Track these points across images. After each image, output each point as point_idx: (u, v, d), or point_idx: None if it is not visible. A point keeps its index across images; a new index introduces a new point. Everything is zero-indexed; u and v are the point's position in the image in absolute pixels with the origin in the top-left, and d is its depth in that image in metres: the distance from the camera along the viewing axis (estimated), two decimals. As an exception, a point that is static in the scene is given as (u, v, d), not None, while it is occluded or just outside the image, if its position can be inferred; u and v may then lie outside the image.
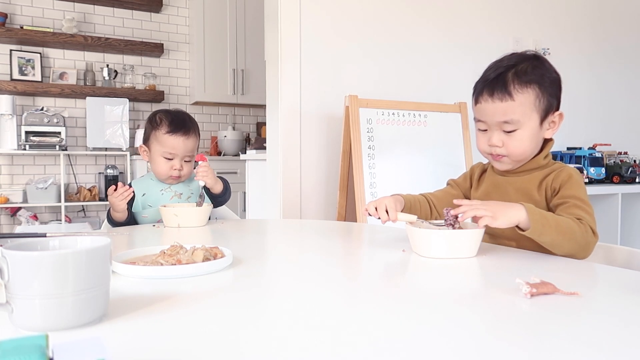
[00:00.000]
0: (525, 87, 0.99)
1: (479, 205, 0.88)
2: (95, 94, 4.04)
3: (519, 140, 1.01)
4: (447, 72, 2.64)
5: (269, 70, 2.43)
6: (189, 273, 0.73)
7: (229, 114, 4.74)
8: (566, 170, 1.03)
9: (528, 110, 1.00)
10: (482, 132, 1.06)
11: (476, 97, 1.05)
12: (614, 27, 3.32)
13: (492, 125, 1.03)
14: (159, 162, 1.49)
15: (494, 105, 1.00)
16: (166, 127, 1.48)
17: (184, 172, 1.50)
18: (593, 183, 2.83)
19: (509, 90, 0.99)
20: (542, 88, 1.01)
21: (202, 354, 0.45)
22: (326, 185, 2.39)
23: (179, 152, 1.48)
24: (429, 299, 0.64)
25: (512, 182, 1.09)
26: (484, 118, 1.04)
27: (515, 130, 1.01)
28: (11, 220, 3.93)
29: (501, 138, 1.02)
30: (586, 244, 0.92)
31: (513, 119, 1.00)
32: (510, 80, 0.99)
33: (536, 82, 1.00)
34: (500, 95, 0.99)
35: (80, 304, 0.50)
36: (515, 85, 0.99)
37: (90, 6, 4.19)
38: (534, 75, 1.00)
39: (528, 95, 0.99)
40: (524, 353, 0.45)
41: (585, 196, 0.99)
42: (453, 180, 1.24)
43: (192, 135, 1.51)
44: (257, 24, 4.24)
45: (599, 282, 0.78)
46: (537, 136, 1.03)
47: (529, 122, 1.01)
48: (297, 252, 1.05)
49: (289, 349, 0.46)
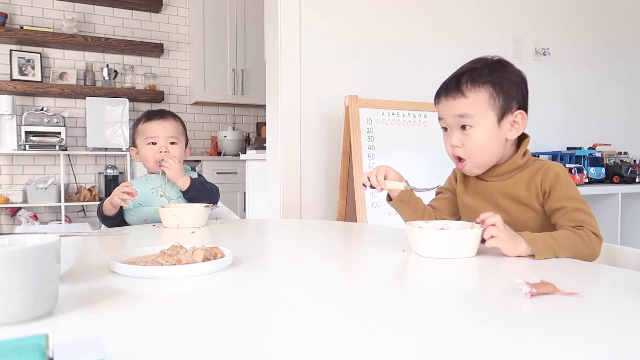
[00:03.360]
0: (478, 87, 1.03)
1: (499, 223, 0.87)
2: (95, 94, 4.05)
3: (476, 139, 1.04)
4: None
5: (269, 70, 2.43)
6: (189, 273, 0.73)
7: (229, 114, 4.75)
8: (552, 169, 1.03)
9: (482, 108, 1.03)
10: (445, 134, 1.11)
11: (435, 100, 1.11)
12: (613, 27, 3.32)
13: (451, 124, 1.07)
14: (145, 152, 1.53)
15: (448, 103, 1.06)
16: (144, 118, 1.56)
17: (171, 154, 1.51)
18: (593, 183, 2.83)
19: (461, 90, 1.04)
20: (497, 88, 1.03)
21: (202, 353, 0.45)
22: (326, 185, 2.39)
23: (160, 134, 1.52)
24: (428, 299, 0.64)
25: (496, 187, 1.08)
26: (442, 116, 1.09)
27: (471, 128, 1.04)
28: (11, 220, 3.93)
29: (460, 138, 1.06)
30: (591, 252, 0.92)
31: (467, 113, 1.03)
32: (463, 81, 1.04)
33: (490, 83, 1.03)
34: (453, 94, 1.05)
35: (28, 300, 0.51)
36: (468, 85, 1.04)
37: (90, 6, 4.19)
38: (489, 77, 1.04)
39: (481, 94, 1.03)
40: (524, 353, 0.45)
41: (577, 192, 1.00)
42: (441, 187, 1.25)
43: (170, 119, 1.55)
44: (257, 24, 4.24)
45: (599, 282, 0.78)
46: (495, 136, 1.04)
47: (483, 120, 1.03)
48: (297, 252, 1.05)
49: (289, 349, 0.46)
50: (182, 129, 1.59)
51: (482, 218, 0.88)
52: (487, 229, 0.86)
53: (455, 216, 1.20)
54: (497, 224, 0.86)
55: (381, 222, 2.11)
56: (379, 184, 1.07)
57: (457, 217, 1.20)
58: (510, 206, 1.06)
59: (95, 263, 0.82)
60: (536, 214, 1.04)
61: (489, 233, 0.86)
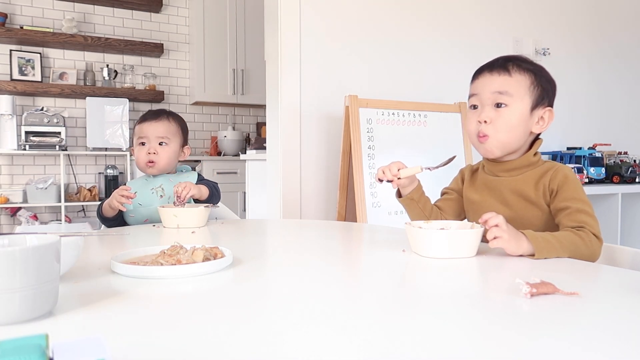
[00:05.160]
0: (523, 71, 1.07)
1: (502, 223, 0.87)
2: (95, 94, 4.05)
3: (507, 117, 1.05)
4: (447, 72, 2.64)
5: (269, 70, 2.43)
6: (189, 273, 0.73)
7: (229, 114, 4.75)
8: (561, 170, 1.04)
9: (522, 91, 1.06)
10: (473, 111, 1.10)
11: (475, 75, 1.12)
12: (613, 27, 3.32)
13: (485, 100, 1.07)
14: (136, 153, 1.56)
15: (491, 78, 1.07)
16: (140, 118, 1.58)
17: (159, 156, 1.52)
18: (593, 183, 2.83)
19: (507, 68, 1.07)
20: (538, 78, 1.07)
21: (201, 353, 0.45)
22: (326, 185, 2.39)
23: (149, 135, 1.53)
24: (428, 299, 0.64)
25: (506, 183, 1.09)
26: (479, 91, 1.09)
27: (506, 107, 1.05)
28: (11, 220, 3.93)
29: (490, 115, 1.06)
30: (591, 253, 0.93)
31: (508, 91, 1.05)
32: (510, 63, 1.08)
33: (532, 72, 1.07)
34: (498, 70, 1.07)
35: (28, 300, 0.51)
36: (514, 67, 1.07)
37: (90, 6, 4.19)
38: (532, 66, 1.09)
39: (524, 78, 1.06)
40: (524, 353, 0.45)
41: (584, 194, 1.01)
42: (446, 188, 1.25)
43: (162, 119, 1.56)
44: (257, 24, 4.24)
45: (599, 282, 0.78)
46: (525, 122, 1.06)
47: (520, 102, 1.05)
48: (297, 252, 1.05)
49: (289, 349, 0.46)
50: (176, 128, 1.57)
51: (485, 219, 0.88)
52: (491, 230, 0.86)
53: (460, 217, 1.21)
54: (500, 225, 0.86)
55: (381, 222, 2.11)
56: (395, 176, 1.08)
57: (461, 218, 1.20)
58: (517, 203, 1.07)
59: (95, 263, 0.82)
60: (542, 213, 1.05)
61: (492, 234, 0.86)
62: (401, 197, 1.16)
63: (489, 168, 1.14)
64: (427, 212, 1.15)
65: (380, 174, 1.10)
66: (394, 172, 1.08)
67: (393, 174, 1.08)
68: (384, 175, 1.09)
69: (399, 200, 1.17)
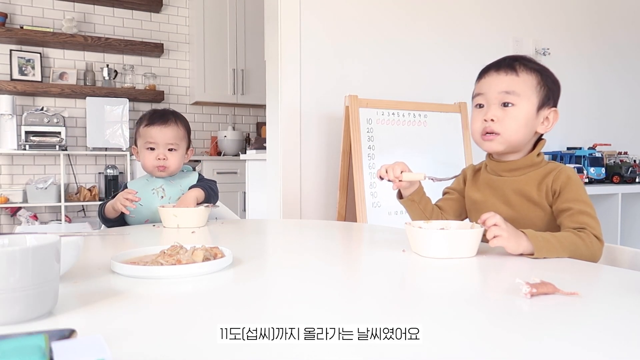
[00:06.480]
0: (529, 71, 1.07)
1: (501, 222, 0.87)
2: (95, 94, 4.05)
3: (514, 117, 1.05)
4: (447, 72, 2.64)
5: (269, 70, 2.43)
6: (189, 273, 0.73)
7: (229, 114, 4.74)
8: (564, 171, 1.04)
9: (529, 90, 1.06)
10: (479, 110, 1.10)
11: (481, 75, 1.12)
12: (613, 27, 3.31)
13: (491, 99, 1.07)
14: (144, 155, 1.53)
15: (498, 77, 1.07)
16: (146, 120, 1.55)
17: (169, 161, 1.51)
18: (593, 183, 2.83)
19: (514, 68, 1.07)
20: (544, 79, 1.08)
21: (202, 353, 0.45)
22: (326, 185, 2.39)
23: (159, 141, 1.51)
24: (428, 299, 0.64)
25: (508, 183, 1.09)
26: (485, 90, 1.09)
27: (513, 107, 1.05)
28: (11, 220, 3.93)
29: (497, 114, 1.06)
30: (592, 255, 0.93)
31: (515, 91, 1.05)
32: (517, 62, 1.08)
33: (539, 72, 1.08)
34: (505, 70, 1.07)
35: (28, 300, 0.51)
36: (521, 66, 1.07)
37: (90, 6, 4.19)
38: (538, 66, 1.09)
39: (531, 78, 1.07)
40: (524, 353, 0.45)
41: (586, 196, 1.02)
42: (448, 188, 1.25)
43: (171, 124, 1.54)
44: (257, 24, 4.24)
45: (599, 282, 0.78)
46: (531, 122, 1.07)
47: (527, 102, 1.06)
48: (297, 252, 1.05)
49: (289, 349, 0.46)
50: (184, 132, 1.58)
51: (483, 219, 0.88)
52: (490, 230, 0.86)
53: (461, 217, 1.20)
54: (498, 224, 0.86)
55: (381, 222, 2.11)
56: (397, 178, 1.07)
57: (462, 218, 1.20)
58: (519, 203, 1.07)
59: (95, 263, 0.82)
60: (544, 213, 1.05)
61: (491, 233, 0.86)
62: (402, 198, 1.16)
63: (491, 168, 1.14)
64: (427, 213, 1.16)
65: (382, 172, 1.09)
66: (397, 174, 1.07)
67: (395, 175, 1.07)
68: (386, 175, 1.09)
69: (399, 201, 1.17)
